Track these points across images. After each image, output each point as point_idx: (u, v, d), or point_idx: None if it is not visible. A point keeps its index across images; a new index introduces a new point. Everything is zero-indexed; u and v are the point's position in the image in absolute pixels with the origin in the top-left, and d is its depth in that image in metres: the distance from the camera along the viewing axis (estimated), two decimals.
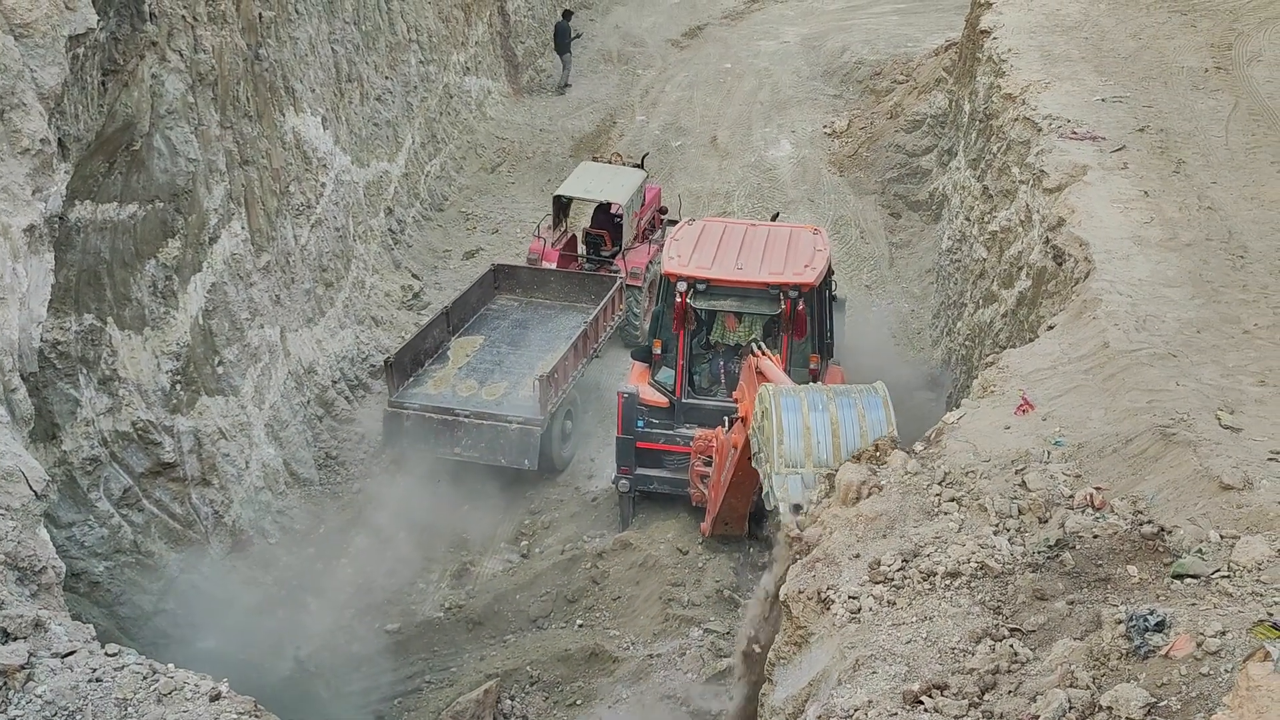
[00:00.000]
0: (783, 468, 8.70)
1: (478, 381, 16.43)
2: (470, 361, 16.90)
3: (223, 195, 13.63)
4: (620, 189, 18.98)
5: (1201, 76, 15.21)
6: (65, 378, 11.18)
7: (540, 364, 16.49)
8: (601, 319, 17.39)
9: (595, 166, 20.11)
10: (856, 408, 8.77)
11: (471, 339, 17.55)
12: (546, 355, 16.87)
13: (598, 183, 19.30)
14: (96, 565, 11.61)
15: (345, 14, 18.59)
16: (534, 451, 15.22)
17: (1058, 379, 9.45)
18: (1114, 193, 12.30)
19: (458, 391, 16.13)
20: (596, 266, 19.34)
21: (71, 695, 5.77)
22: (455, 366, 16.76)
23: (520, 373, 16.61)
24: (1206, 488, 7.31)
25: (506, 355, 17.19)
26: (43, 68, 8.88)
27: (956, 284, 17.33)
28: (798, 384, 12.98)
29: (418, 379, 16.28)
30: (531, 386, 15.57)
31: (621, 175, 19.53)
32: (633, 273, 18.75)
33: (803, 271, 13.82)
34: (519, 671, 12.85)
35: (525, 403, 15.66)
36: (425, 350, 16.74)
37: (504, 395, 16.12)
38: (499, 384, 16.41)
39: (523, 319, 18.26)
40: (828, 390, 9.20)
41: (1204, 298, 10.35)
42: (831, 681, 6.54)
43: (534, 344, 17.48)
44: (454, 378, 16.47)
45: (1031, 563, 6.98)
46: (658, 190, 20.99)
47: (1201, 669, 5.44)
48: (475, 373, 16.62)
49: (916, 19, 28.40)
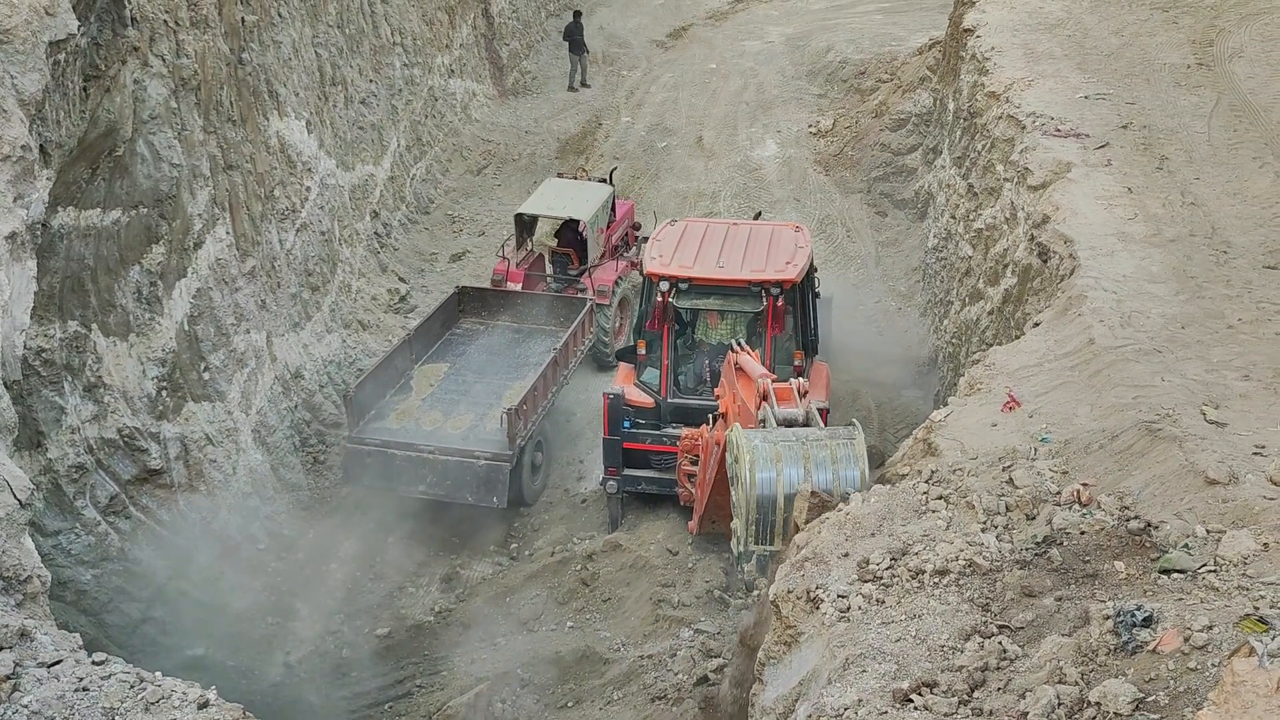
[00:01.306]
0: (752, 545, 8.76)
1: (442, 413, 15.60)
2: (434, 391, 16.11)
3: (207, 200, 13.57)
4: (584, 205, 18.40)
5: (1184, 73, 15.28)
6: (50, 385, 11.12)
7: (508, 393, 15.82)
8: (572, 344, 16.66)
9: (559, 183, 19.55)
10: (833, 482, 8.67)
11: (435, 366, 16.74)
12: (514, 383, 16.14)
13: (561, 199, 18.70)
14: (83, 573, 11.54)
15: (329, 17, 18.54)
16: (502, 489, 14.50)
17: (1044, 376, 9.48)
18: (1098, 189, 12.35)
19: (421, 425, 15.32)
20: (564, 286, 18.69)
21: (58, 705, 5.73)
22: (419, 397, 15.95)
23: (487, 403, 15.83)
24: (1192, 483, 7.34)
25: (472, 384, 16.41)
26: (23, 74, 8.83)
27: (943, 282, 17.37)
28: (783, 379, 13.13)
29: (379, 411, 15.45)
30: (499, 419, 14.81)
31: (586, 191, 18.98)
32: (600, 290, 18.17)
33: (784, 268, 13.85)
34: (510, 674, 12.82)
35: (493, 436, 14.90)
36: (387, 380, 15.87)
37: (470, 428, 15.31)
38: (465, 416, 15.58)
39: (489, 344, 17.51)
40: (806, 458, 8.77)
41: (1188, 293, 10.39)
42: (821, 680, 6.54)
43: (501, 371, 16.73)
44: (418, 410, 15.64)
45: (1019, 559, 6.99)
46: (630, 206, 20.60)
47: (1189, 664, 5.45)
48: (440, 403, 15.83)
49: (900, 18, 28.47)
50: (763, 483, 8.70)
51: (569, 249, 18.73)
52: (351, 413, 14.90)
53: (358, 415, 14.95)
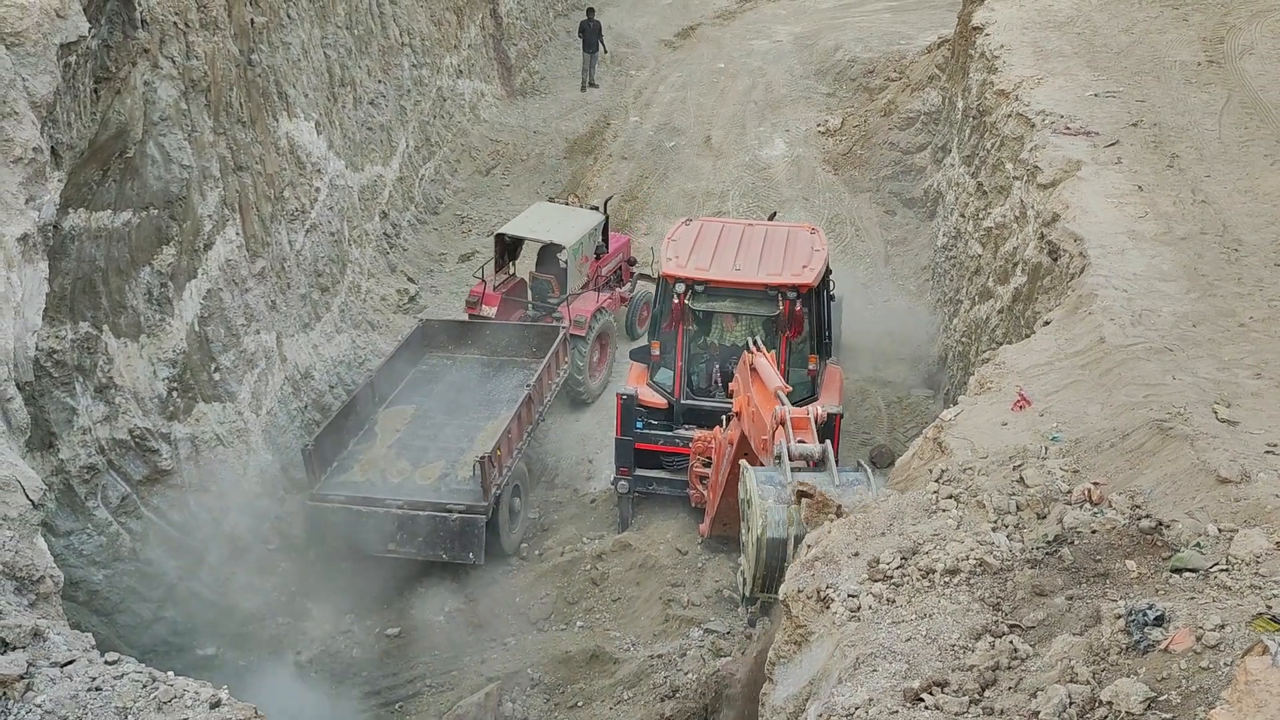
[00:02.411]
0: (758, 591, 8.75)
1: (410, 462, 14.56)
2: (401, 437, 15.04)
3: (217, 201, 13.61)
4: (569, 231, 17.54)
5: (1194, 70, 15.23)
6: (61, 386, 11.16)
7: (480, 436, 14.88)
8: (546, 377, 15.60)
9: (549, 207, 18.91)
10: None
11: (400, 409, 15.64)
12: (487, 424, 15.19)
13: (546, 223, 17.90)
14: (95, 574, 11.59)
15: (337, 18, 18.58)
16: (478, 545, 13.60)
17: (1054, 374, 9.46)
18: (1108, 188, 12.32)
19: (388, 476, 14.30)
20: (542, 314, 17.84)
21: (71, 704, 5.75)
22: (384, 444, 14.88)
23: (458, 448, 14.83)
24: (1204, 481, 7.32)
25: (441, 427, 15.28)
26: (34, 76, 8.86)
27: (952, 281, 17.34)
28: (795, 383, 13.12)
29: (342, 464, 14.40)
30: (473, 468, 13.85)
31: (574, 217, 18.22)
32: (576, 321, 17.18)
33: (801, 272, 13.81)
34: (520, 674, 12.85)
35: (466, 486, 13.96)
36: (349, 428, 14.80)
37: (441, 478, 14.30)
38: (434, 464, 14.54)
39: (457, 381, 16.39)
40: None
41: (1199, 291, 10.36)
42: (832, 680, 6.54)
43: (472, 410, 15.65)
44: (383, 459, 14.59)
45: (1030, 559, 6.98)
46: (626, 241, 19.90)
47: (1201, 663, 5.44)
48: (407, 451, 14.78)
49: (909, 16, 28.43)
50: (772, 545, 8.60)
51: (549, 275, 17.97)
52: (311, 467, 13.81)
53: (318, 469, 13.92)
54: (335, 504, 13.69)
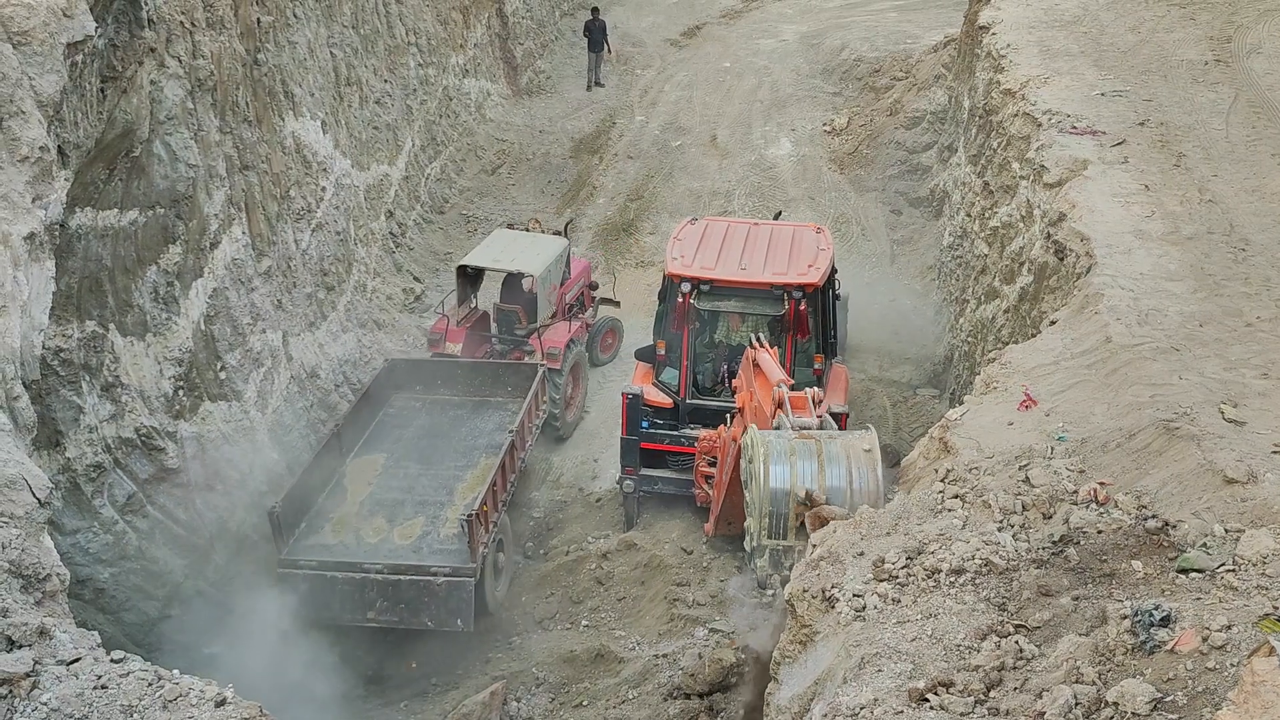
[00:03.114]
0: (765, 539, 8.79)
1: (386, 519, 13.49)
2: (373, 491, 13.94)
3: (223, 200, 13.63)
4: (535, 259, 16.79)
5: (1201, 69, 15.19)
6: (68, 385, 11.19)
7: (459, 486, 13.98)
8: (527, 420, 14.69)
9: (510, 234, 18.07)
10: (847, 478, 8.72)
11: (370, 459, 14.54)
12: (466, 472, 14.26)
13: (510, 251, 17.09)
14: (101, 572, 11.61)
15: (343, 18, 18.60)
16: (467, 610, 12.49)
17: (1060, 374, 9.44)
18: (1115, 187, 12.30)
19: (364, 537, 13.20)
20: (510, 347, 17.04)
21: (77, 703, 5.77)
22: (356, 499, 13.76)
23: (438, 501, 13.80)
24: (1210, 482, 7.30)
25: (416, 478, 14.20)
26: (41, 75, 8.88)
27: (958, 280, 17.32)
28: (800, 382, 13.14)
29: (311, 523, 13.24)
30: (458, 524, 12.95)
31: (539, 244, 17.44)
32: (550, 353, 16.50)
33: (806, 272, 13.80)
34: (525, 673, 12.85)
35: (450, 545, 12.98)
36: (315, 483, 13.62)
37: (422, 537, 13.25)
38: (413, 521, 13.48)
39: (429, 425, 15.35)
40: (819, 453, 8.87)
41: (1206, 291, 10.33)
42: (837, 680, 6.53)
43: (448, 457, 14.65)
44: (356, 517, 13.49)
45: (1036, 559, 6.97)
46: (586, 265, 19.27)
47: (1207, 663, 5.43)
48: (382, 506, 13.68)
49: (915, 15, 28.40)
50: (776, 475, 8.74)
51: (516, 306, 17.19)
52: (278, 531, 12.62)
53: (286, 532, 12.75)
54: (307, 570, 12.50)
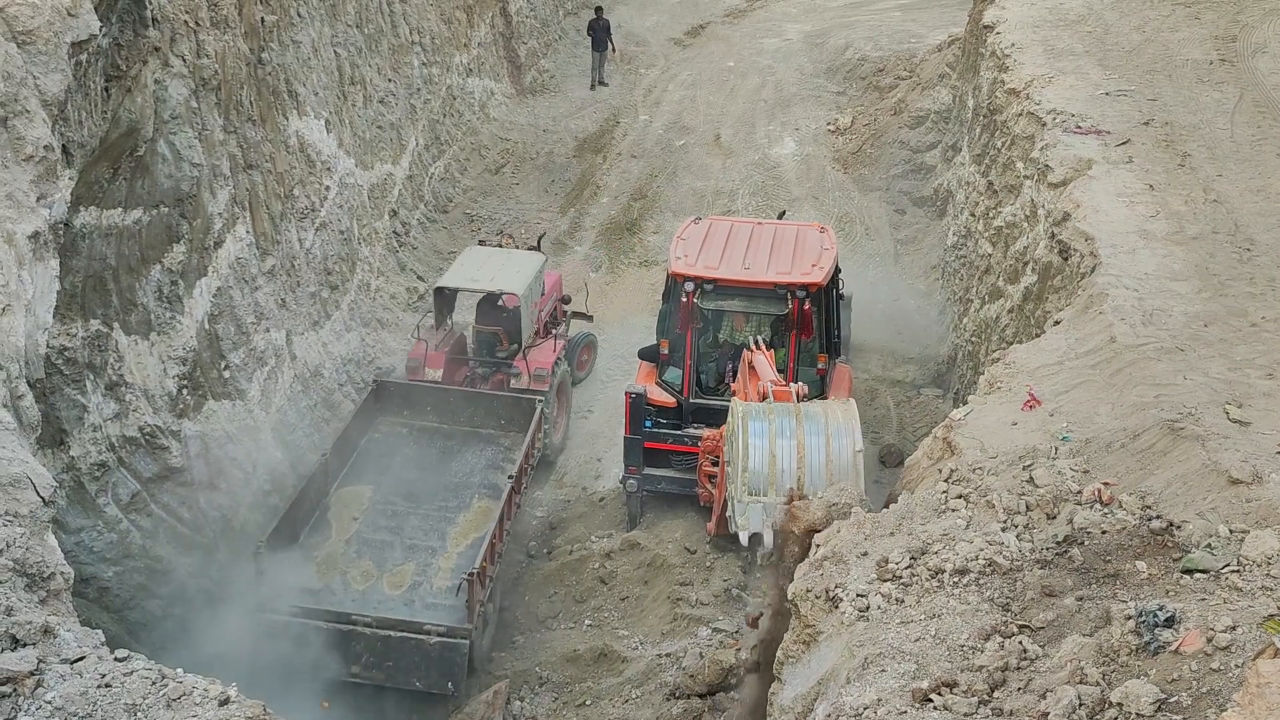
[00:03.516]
0: (745, 495, 8.81)
1: (374, 562, 12.57)
2: (360, 529, 13.05)
3: (227, 200, 13.65)
4: (515, 276, 15.91)
5: (1206, 69, 15.17)
6: (72, 384, 11.20)
7: (451, 531, 13.12)
8: (525, 463, 13.84)
9: (483, 251, 17.13)
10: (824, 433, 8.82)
11: (356, 490, 13.66)
12: (458, 516, 13.40)
13: (487, 270, 16.20)
14: (105, 570, 11.62)
15: (347, 17, 18.60)
16: (459, 673, 11.54)
17: (1064, 374, 9.44)
18: (1119, 187, 12.29)
19: (351, 582, 12.25)
20: (491, 370, 16.09)
21: (81, 701, 5.77)
22: (341, 538, 12.86)
23: (428, 546, 12.92)
24: (1215, 482, 7.30)
25: (405, 515, 13.35)
26: (45, 74, 8.89)
27: (962, 280, 17.30)
28: (804, 382, 13.16)
29: (293, 563, 12.39)
30: (449, 574, 12.24)
31: (515, 260, 16.59)
32: (537, 375, 15.73)
33: (810, 271, 13.81)
34: (528, 672, 12.85)
35: (444, 600, 12.03)
36: (299, 515, 12.72)
37: (413, 586, 12.34)
38: (404, 566, 12.53)
39: (417, 456, 14.38)
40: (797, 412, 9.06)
41: (1211, 291, 10.32)
42: (840, 680, 6.53)
43: (439, 496, 13.74)
44: (343, 557, 12.59)
45: (1040, 559, 6.97)
46: (557, 278, 18.17)
47: (1212, 664, 5.42)
48: (369, 547, 12.80)
49: (919, 15, 28.36)
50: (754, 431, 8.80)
51: (495, 327, 16.35)
52: (259, 573, 11.76)
53: (267, 575, 11.88)
54: (290, 618, 11.45)
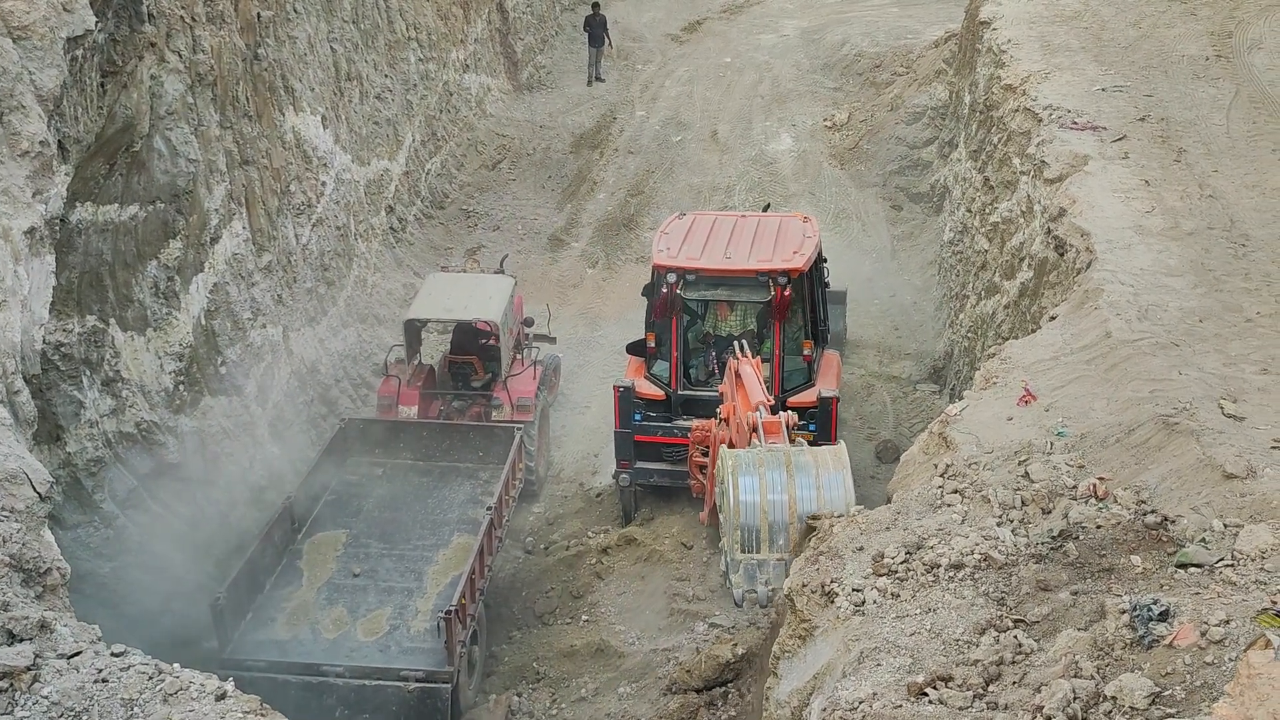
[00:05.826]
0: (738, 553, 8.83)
1: (348, 609, 11.83)
2: (333, 576, 12.30)
3: (223, 195, 13.63)
4: (488, 303, 15.15)
5: (1202, 65, 15.19)
6: (68, 379, 11.20)
7: (430, 570, 12.43)
8: (505, 495, 13.22)
9: (449, 277, 16.53)
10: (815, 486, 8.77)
11: (331, 535, 12.94)
12: (436, 554, 12.69)
13: (457, 298, 15.36)
14: (102, 566, 11.61)
15: (344, 12, 18.58)
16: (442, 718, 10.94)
17: (1060, 369, 9.45)
18: (1115, 182, 12.30)
19: (321, 631, 11.52)
20: (468, 402, 15.28)
21: (78, 696, 5.78)
22: (313, 586, 12.14)
23: (405, 588, 12.18)
24: (1210, 477, 7.31)
25: (380, 559, 12.56)
26: (41, 70, 8.88)
27: (958, 275, 17.32)
28: (791, 369, 13.28)
29: (259, 613, 11.63)
30: (429, 618, 11.54)
31: (485, 285, 15.77)
32: (520, 404, 15.07)
33: (791, 257, 13.89)
34: (525, 667, 12.87)
35: (423, 644, 11.35)
36: (265, 563, 12.06)
37: (389, 632, 11.59)
38: (379, 612, 11.82)
39: (392, 495, 13.68)
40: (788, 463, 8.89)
41: (1206, 286, 10.34)
42: (836, 674, 6.55)
43: (415, 535, 13.03)
44: (314, 606, 11.83)
45: (1035, 554, 6.99)
46: (519, 300, 17.11)
47: (1206, 658, 5.44)
48: (343, 594, 12.02)
49: (916, 11, 28.36)
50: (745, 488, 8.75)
51: (470, 356, 15.59)
52: (220, 625, 11.02)
53: (231, 625, 11.16)
54: (256, 672, 10.53)
